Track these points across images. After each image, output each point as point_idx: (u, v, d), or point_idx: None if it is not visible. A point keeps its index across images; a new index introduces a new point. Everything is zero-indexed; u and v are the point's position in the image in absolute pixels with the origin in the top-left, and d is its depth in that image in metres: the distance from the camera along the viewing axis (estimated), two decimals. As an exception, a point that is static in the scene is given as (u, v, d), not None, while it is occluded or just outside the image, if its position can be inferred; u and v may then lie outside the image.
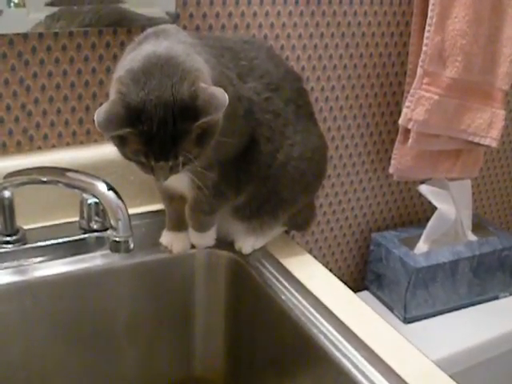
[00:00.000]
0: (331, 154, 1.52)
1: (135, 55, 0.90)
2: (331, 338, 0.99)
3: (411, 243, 1.59)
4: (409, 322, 1.55)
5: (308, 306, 1.05)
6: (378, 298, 1.63)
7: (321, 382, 1.02)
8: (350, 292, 1.11)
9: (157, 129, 0.85)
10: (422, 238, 1.58)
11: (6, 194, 1.09)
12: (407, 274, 1.52)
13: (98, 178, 1.00)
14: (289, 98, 1.09)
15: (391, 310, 1.58)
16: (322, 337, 0.99)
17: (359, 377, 0.91)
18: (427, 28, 1.36)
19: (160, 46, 0.91)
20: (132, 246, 0.99)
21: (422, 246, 1.57)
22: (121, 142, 0.87)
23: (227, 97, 0.85)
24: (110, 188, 0.97)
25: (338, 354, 0.96)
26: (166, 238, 1.16)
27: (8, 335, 1.13)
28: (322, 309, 1.04)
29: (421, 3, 1.42)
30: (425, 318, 1.57)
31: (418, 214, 1.72)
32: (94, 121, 0.83)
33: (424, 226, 1.59)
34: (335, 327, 1.00)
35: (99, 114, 0.83)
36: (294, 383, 1.11)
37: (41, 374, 1.17)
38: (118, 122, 0.84)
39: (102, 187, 0.98)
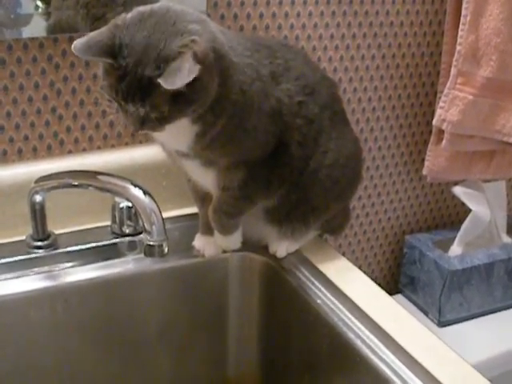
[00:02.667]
0: (364, 156, 1.50)
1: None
2: (368, 342, 0.98)
3: (445, 246, 1.57)
4: (443, 326, 1.53)
5: (344, 310, 1.04)
6: (412, 301, 1.61)
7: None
8: (387, 295, 1.10)
9: (132, 68, 0.84)
10: (456, 240, 1.56)
11: (38, 198, 1.09)
12: (441, 276, 1.51)
13: (130, 181, 0.99)
14: (324, 103, 1.07)
15: (425, 313, 1.57)
16: (359, 341, 0.98)
17: (398, 382, 0.90)
18: (461, 27, 1.35)
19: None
20: (166, 250, 0.99)
21: (456, 249, 1.55)
22: (103, 73, 0.87)
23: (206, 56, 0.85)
24: (144, 191, 0.97)
25: (375, 359, 0.95)
26: (199, 241, 1.15)
27: (40, 340, 1.13)
28: (359, 313, 1.03)
29: (454, 2, 1.40)
30: (460, 322, 1.55)
31: (451, 217, 1.71)
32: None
33: (458, 229, 1.57)
34: (372, 331, 0.99)
35: (80, 39, 0.85)
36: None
37: (72, 379, 1.17)
38: (96, 48, 0.84)
39: (135, 191, 0.97)
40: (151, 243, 0.97)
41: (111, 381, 1.20)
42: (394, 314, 1.05)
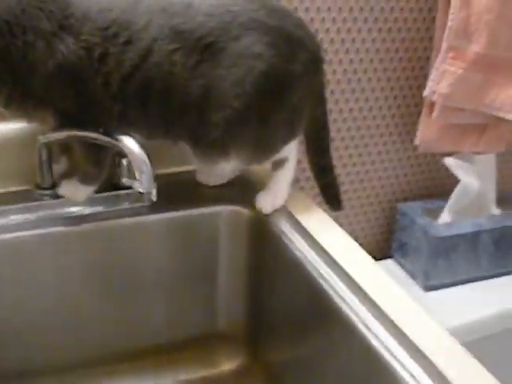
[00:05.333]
0: (359, 125, 1.57)
1: None
2: (341, 294, 1.01)
3: (435, 214, 1.63)
4: (429, 290, 1.59)
5: (321, 262, 1.07)
6: (402, 266, 1.67)
7: (330, 336, 1.06)
8: (361, 250, 1.13)
9: None
10: (445, 209, 1.62)
11: (44, 149, 1.16)
12: (429, 242, 1.56)
13: (127, 135, 1.06)
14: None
15: (414, 278, 1.63)
16: (331, 292, 1.02)
17: (366, 333, 0.94)
18: (453, 3, 1.39)
19: None
20: (154, 197, 1.05)
21: (445, 217, 1.61)
22: None
23: None
24: (137, 144, 1.04)
25: (346, 309, 0.98)
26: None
27: (43, 284, 1.19)
28: (334, 266, 1.06)
29: None
30: (445, 287, 1.61)
31: (444, 187, 1.75)
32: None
33: (449, 199, 1.63)
34: (346, 283, 1.03)
35: None
36: (306, 336, 1.14)
37: (74, 322, 1.24)
38: None
39: (129, 143, 1.04)
40: (141, 190, 1.04)
41: (109, 324, 1.27)
42: (369, 269, 1.08)
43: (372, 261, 1.10)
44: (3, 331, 1.19)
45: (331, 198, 1.29)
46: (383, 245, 1.74)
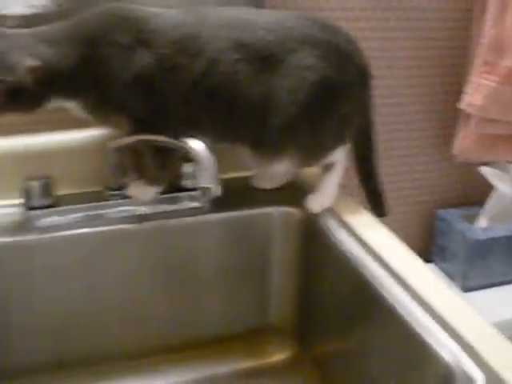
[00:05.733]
0: (400, 136, 1.66)
1: None
2: (386, 285, 1.07)
3: (472, 220, 1.71)
4: (467, 291, 1.66)
5: (368, 259, 1.14)
6: (442, 269, 1.74)
7: (374, 326, 1.11)
8: (408, 249, 1.19)
9: None
10: (482, 215, 1.69)
11: (113, 154, 1.26)
12: (466, 245, 1.64)
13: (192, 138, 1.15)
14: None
15: (453, 279, 1.70)
16: (377, 284, 1.08)
17: (410, 320, 0.99)
18: (486, 21, 1.47)
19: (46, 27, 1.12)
20: (219, 191, 1.12)
21: (481, 222, 1.69)
22: None
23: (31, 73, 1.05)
24: (202, 144, 1.13)
25: (390, 299, 1.04)
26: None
27: (110, 277, 1.28)
28: (379, 260, 1.13)
29: None
30: (482, 289, 1.68)
31: (480, 194, 1.80)
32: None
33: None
34: (390, 275, 1.08)
35: None
36: (352, 327, 1.20)
37: (136, 314, 1.32)
38: None
39: (195, 143, 1.13)
40: (205, 186, 1.11)
41: (168, 316, 1.35)
42: (414, 265, 1.14)
43: (414, 255, 1.17)
44: (70, 322, 1.28)
45: (376, 204, 1.38)
46: (424, 250, 1.80)
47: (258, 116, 1.17)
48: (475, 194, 1.83)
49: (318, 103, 1.17)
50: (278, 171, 1.27)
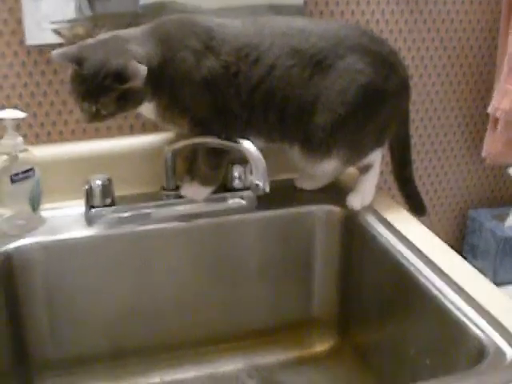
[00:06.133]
0: (432, 141, 1.74)
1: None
2: (424, 273, 1.15)
3: (502, 219, 1.77)
4: (497, 286, 1.72)
5: (406, 250, 1.23)
6: (474, 266, 1.79)
7: (413, 313, 1.18)
8: (441, 241, 1.28)
9: (90, 76, 1.13)
10: (511, 214, 1.76)
11: (169, 158, 1.35)
12: (496, 243, 1.72)
13: (246, 139, 1.24)
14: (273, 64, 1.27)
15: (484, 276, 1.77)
16: (418, 275, 1.16)
17: (448, 305, 1.08)
18: (511, 31, 1.55)
19: (131, 30, 1.22)
20: (268, 189, 1.20)
21: (510, 221, 1.75)
22: (70, 79, 1.16)
23: (141, 73, 1.13)
24: (253, 145, 1.22)
25: (428, 286, 1.12)
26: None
27: (163, 272, 1.35)
28: (415, 250, 1.22)
29: (507, 9, 1.60)
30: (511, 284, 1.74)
31: (510, 195, 1.89)
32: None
33: (515, 205, 1.76)
34: (426, 264, 1.18)
35: (58, 49, 1.15)
36: (392, 316, 1.28)
37: (188, 306, 1.40)
38: (68, 56, 1.14)
39: (246, 144, 1.22)
40: (256, 182, 1.19)
41: (217, 309, 1.42)
42: (448, 257, 1.23)
43: (447, 247, 1.26)
44: (127, 315, 1.36)
45: (415, 205, 1.47)
46: (456, 248, 1.78)
47: (309, 116, 1.27)
48: (505, 195, 1.90)
49: (364, 105, 1.27)
50: (323, 171, 1.36)
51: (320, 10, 1.52)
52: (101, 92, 1.14)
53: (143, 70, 1.13)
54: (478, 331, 1.01)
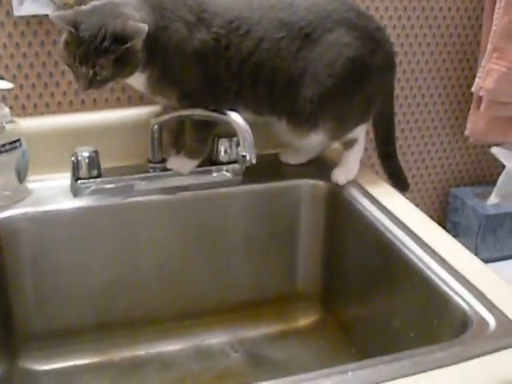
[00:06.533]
0: (416, 118, 1.76)
1: None
2: (407, 244, 1.16)
3: (484, 197, 1.78)
4: None
5: (388, 221, 1.23)
6: None
7: (395, 284, 1.19)
8: (423, 213, 1.29)
9: (88, 38, 1.13)
10: (493, 192, 1.76)
11: (155, 130, 1.35)
12: (478, 220, 1.73)
13: (235, 111, 1.25)
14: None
15: (466, 251, 1.79)
16: (398, 243, 1.17)
17: (430, 275, 1.08)
18: (496, 10, 1.56)
19: None
20: (254, 160, 1.21)
21: (492, 199, 1.76)
22: (64, 44, 1.16)
23: (142, 30, 1.13)
24: (241, 117, 1.22)
25: (410, 256, 1.13)
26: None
27: (149, 245, 1.36)
28: (398, 222, 1.22)
29: None
30: (493, 261, 1.74)
31: (492, 174, 1.90)
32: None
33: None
34: (409, 236, 1.18)
35: (56, 11, 1.16)
36: (375, 289, 1.28)
37: (173, 280, 1.41)
38: (66, 19, 1.13)
39: (235, 116, 1.23)
40: (243, 154, 1.20)
41: (201, 282, 1.43)
42: (430, 228, 1.25)
43: (430, 220, 1.27)
44: (113, 285, 1.36)
45: (398, 181, 1.49)
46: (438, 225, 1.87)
47: (297, 89, 1.28)
48: (487, 174, 1.92)
49: (351, 78, 1.29)
50: (310, 144, 1.38)
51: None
52: (99, 54, 1.14)
53: (143, 26, 1.13)
54: (461, 302, 1.02)
